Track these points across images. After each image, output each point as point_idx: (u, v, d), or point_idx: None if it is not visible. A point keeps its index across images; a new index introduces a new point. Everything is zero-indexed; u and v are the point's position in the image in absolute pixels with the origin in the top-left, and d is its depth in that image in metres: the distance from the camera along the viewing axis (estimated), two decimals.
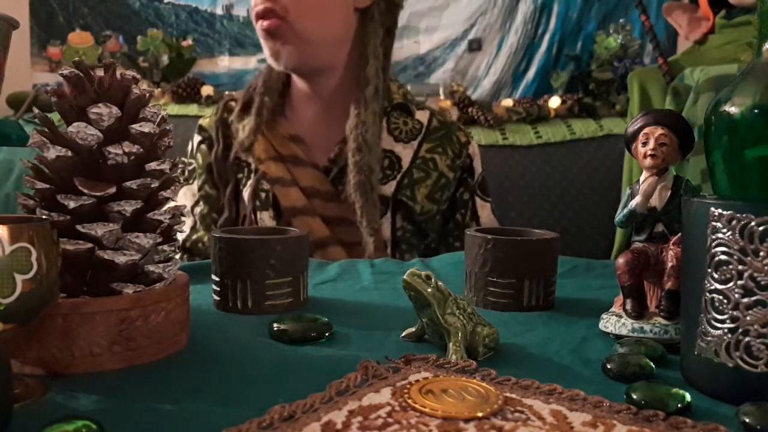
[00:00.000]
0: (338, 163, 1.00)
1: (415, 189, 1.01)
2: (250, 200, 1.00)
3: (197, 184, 1.07)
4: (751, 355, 0.36)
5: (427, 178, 1.02)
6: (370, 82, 0.99)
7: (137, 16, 2.41)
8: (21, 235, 0.34)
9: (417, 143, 1.04)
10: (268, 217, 0.99)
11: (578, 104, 1.83)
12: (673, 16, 1.69)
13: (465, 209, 1.08)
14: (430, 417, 0.32)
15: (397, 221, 1.01)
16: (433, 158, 1.04)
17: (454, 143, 1.07)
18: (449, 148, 1.06)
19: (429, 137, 1.05)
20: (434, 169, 1.03)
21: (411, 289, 0.45)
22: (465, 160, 1.08)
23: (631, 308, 0.50)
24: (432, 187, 1.03)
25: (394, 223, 1.01)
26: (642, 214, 0.51)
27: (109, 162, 0.42)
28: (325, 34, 0.99)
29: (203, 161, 1.07)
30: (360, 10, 1.01)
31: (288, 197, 0.98)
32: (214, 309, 0.58)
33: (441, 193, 1.04)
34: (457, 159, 1.06)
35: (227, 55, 2.42)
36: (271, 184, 0.99)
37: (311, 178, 1.00)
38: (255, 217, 1.00)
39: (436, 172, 1.03)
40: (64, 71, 0.42)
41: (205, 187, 1.06)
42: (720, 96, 0.41)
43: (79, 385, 0.38)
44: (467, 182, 1.09)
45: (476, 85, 2.32)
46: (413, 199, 1.01)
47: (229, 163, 1.04)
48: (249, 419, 0.31)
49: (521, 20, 2.32)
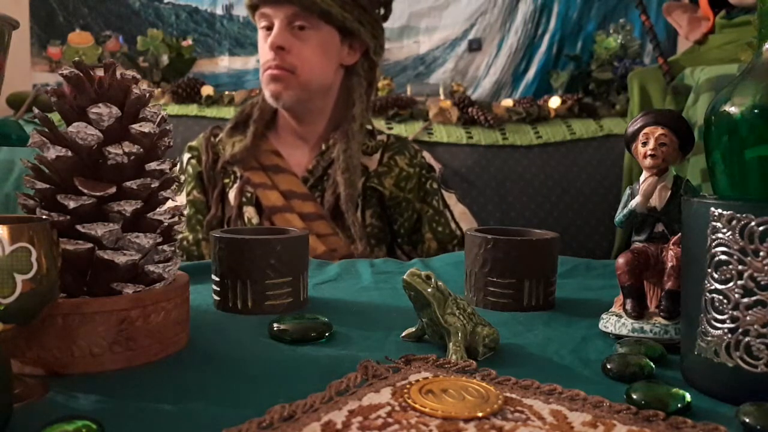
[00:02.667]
0: (314, 174, 1.23)
1: (383, 179, 1.24)
2: (236, 198, 1.19)
3: (185, 191, 1.25)
4: (751, 355, 0.36)
5: (391, 171, 1.26)
6: (356, 120, 1.24)
7: (137, 16, 2.41)
8: (21, 235, 0.34)
9: (379, 154, 1.28)
10: (253, 211, 1.18)
11: (578, 104, 1.83)
12: (673, 16, 1.69)
13: (437, 196, 1.30)
14: (430, 417, 0.32)
15: (367, 218, 1.22)
16: (393, 158, 1.28)
17: (410, 149, 1.33)
18: (405, 152, 1.31)
19: (389, 148, 1.30)
20: (395, 165, 1.27)
21: (411, 289, 0.45)
22: (420, 160, 1.32)
23: (631, 308, 0.50)
24: (396, 178, 1.26)
25: (364, 220, 1.22)
26: (642, 214, 0.51)
27: (109, 162, 0.42)
28: (320, 84, 1.22)
29: (193, 171, 1.26)
30: (345, 66, 1.25)
31: (269, 198, 1.17)
32: (214, 309, 0.58)
33: (405, 182, 1.26)
34: (414, 159, 1.31)
35: (227, 55, 2.42)
36: (254, 188, 1.18)
37: (289, 183, 1.21)
38: (241, 212, 1.18)
39: (397, 167, 1.27)
40: (64, 71, 0.42)
41: (194, 192, 1.24)
42: (720, 96, 0.41)
43: (79, 385, 0.38)
44: (431, 175, 1.32)
45: (476, 85, 2.32)
46: (382, 185, 1.23)
47: (217, 170, 1.24)
48: (249, 419, 0.31)
49: (521, 20, 2.32)
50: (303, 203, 1.19)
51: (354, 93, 1.27)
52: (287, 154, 1.26)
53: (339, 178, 1.18)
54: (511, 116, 1.83)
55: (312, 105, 1.24)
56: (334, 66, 1.25)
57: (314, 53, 1.20)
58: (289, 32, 1.18)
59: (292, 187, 1.20)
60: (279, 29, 1.17)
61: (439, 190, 1.33)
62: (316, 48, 1.21)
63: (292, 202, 1.18)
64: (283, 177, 1.21)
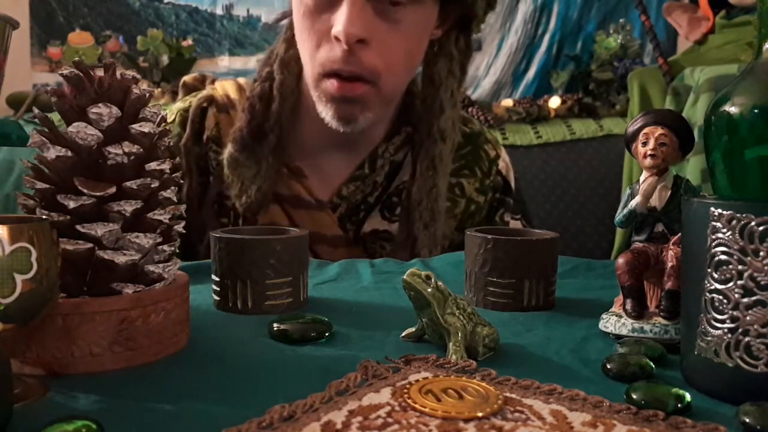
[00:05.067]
0: (350, 200, 0.84)
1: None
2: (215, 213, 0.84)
3: None
4: (751, 355, 0.36)
5: (455, 207, 0.88)
6: (446, 138, 0.80)
7: (137, 16, 2.41)
8: (21, 235, 0.34)
9: None
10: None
11: (578, 104, 1.84)
12: (673, 16, 1.70)
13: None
14: (430, 417, 0.32)
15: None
16: (459, 183, 0.88)
17: (483, 160, 0.91)
18: (477, 167, 0.90)
19: (453, 156, 0.87)
20: (461, 195, 0.88)
21: (411, 289, 0.45)
22: (495, 178, 0.92)
23: (631, 308, 0.50)
24: (461, 216, 0.88)
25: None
26: (642, 214, 0.51)
27: (109, 162, 0.42)
28: (405, 85, 0.82)
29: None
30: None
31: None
32: (214, 309, 0.58)
33: (471, 221, 0.90)
34: (486, 179, 0.91)
35: (227, 55, 2.42)
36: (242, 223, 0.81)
37: (314, 221, 0.82)
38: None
39: (464, 199, 0.88)
40: (64, 71, 0.42)
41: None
42: (720, 96, 0.41)
43: (79, 385, 0.38)
44: (504, 201, 0.93)
45: (476, 85, 2.32)
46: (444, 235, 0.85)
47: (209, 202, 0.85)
48: (249, 419, 0.31)
49: (521, 20, 2.33)
50: (334, 251, 0.83)
51: (441, 88, 0.81)
52: (311, 169, 0.84)
53: (418, 232, 0.81)
54: (511, 116, 1.84)
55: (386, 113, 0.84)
56: (423, 50, 0.80)
57: (408, 43, 0.75)
58: (372, 11, 0.70)
59: (319, 227, 0.82)
60: (355, 6, 0.68)
61: (510, 223, 0.93)
62: (411, 35, 0.74)
63: (316, 248, 0.82)
64: (305, 213, 0.83)
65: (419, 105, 0.85)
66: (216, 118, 0.86)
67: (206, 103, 0.86)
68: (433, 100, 0.82)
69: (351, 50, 0.70)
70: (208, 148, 0.85)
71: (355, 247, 0.85)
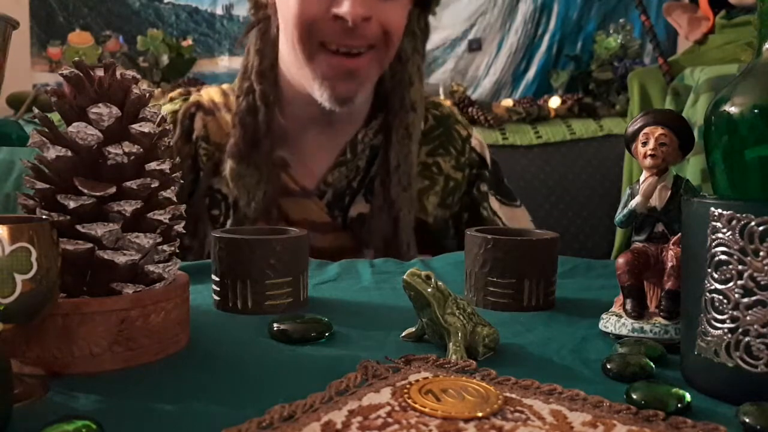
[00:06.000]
0: (336, 186, 0.87)
1: (424, 200, 0.90)
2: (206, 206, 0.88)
3: None
4: (751, 355, 0.36)
5: (435, 185, 0.91)
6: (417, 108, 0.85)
7: (137, 16, 2.41)
8: (21, 235, 0.34)
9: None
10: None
11: (578, 104, 1.84)
12: (673, 16, 1.70)
13: (486, 203, 0.97)
14: (430, 417, 0.32)
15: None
16: (436, 162, 0.92)
17: (456, 140, 0.96)
18: (451, 146, 0.95)
19: (427, 138, 0.94)
20: (439, 173, 0.92)
21: (411, 289, 0.45)
22: (471, 155, 0.97)
23: (631, 308, 0.50)
24: (442, 193, 0.92)
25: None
26: (642, 214, 0.51)
27: (109, 162, 0.42)
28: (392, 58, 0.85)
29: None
30: None
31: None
32: (214, 309, 0.58)
33: (452, 197, 0.94)
34: (461, 156, 0.95)
35: (227, 55, 2.42)
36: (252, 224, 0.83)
37: (302, 210, 0.86)
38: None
39: (442, 176, 0.92)
40: (64, 71, 0.42)
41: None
42: (720, 96, 0.41)
43: (79, 385, 0.38)
44: (481, 174, 0.98)
45: (476, 85, 2.32)
46: (424, 212, 0.90)
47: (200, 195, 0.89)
48: (249, 419, 0.31)
49: (521, 20, 2.33)
50: (322, 237, 0.85)
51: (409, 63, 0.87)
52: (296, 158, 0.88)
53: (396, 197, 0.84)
54: (511, 116, 1.84)
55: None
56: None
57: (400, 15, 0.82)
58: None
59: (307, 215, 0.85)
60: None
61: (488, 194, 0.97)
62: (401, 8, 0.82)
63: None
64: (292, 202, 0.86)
65: (388, 80, 0.90)
66: (203, 120, 0.92)
67: (194, 108, 0.93)
68: (402, 75, 0.88)
69: (356, 28, 0.77)
70: (197, 147, 0.91)
71: (343, 232, 0.88)
